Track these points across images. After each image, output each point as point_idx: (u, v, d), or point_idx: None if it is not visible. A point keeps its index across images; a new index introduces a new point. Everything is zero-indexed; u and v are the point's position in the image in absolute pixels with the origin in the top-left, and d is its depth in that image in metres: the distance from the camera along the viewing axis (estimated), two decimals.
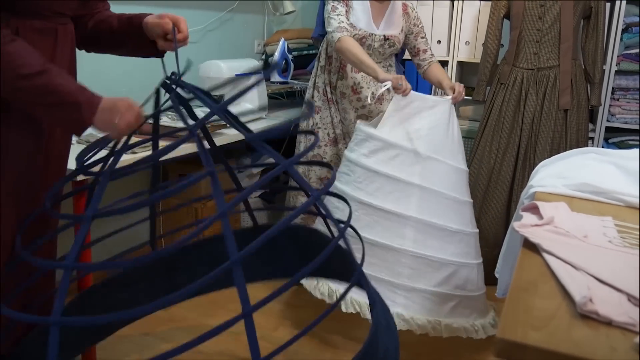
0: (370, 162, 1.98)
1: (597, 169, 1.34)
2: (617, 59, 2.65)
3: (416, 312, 1.90)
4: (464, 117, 3.08)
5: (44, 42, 1.27)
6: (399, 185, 1.95)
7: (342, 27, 2.21)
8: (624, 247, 0.96)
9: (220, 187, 1.04)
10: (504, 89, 2.58)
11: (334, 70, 2.41)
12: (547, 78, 2.50)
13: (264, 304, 0.98)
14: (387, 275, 1.91)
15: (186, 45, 1.45)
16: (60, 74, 1.19)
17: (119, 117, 1.22)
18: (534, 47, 2.50)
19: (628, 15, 2.66)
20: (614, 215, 1.14)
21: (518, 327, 0.69)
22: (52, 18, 1.29)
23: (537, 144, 2.52)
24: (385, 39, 2.31)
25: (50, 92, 1.16)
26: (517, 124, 2.56)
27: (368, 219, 1.94)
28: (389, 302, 1.83)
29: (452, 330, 1.94)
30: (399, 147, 1.98)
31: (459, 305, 1.98)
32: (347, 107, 2.43)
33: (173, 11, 2.69)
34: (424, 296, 1.92)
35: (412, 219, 1.93)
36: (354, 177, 2.01)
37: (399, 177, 1.95)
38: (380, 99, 2.34)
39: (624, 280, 0.81)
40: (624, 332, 0.69)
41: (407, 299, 1.91)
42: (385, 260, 1.92)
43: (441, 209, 1.98)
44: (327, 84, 2.44)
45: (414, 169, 1.97)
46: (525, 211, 1.15)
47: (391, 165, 1.97)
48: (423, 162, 1.98)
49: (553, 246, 0.93)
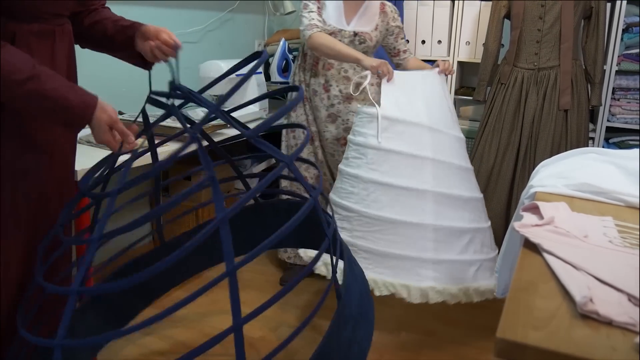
0: (381, 143, 1.97)
1: (597, 169, 1.34)
2: (617, 59, 2.65)
3: (447, 283, 1.93)
4: (464, 117, 3.08)
5: (42, 44, 1.26)
6: (412, 161, 1.96)
7: (313, 24, 2.23)
8: (624, 247, 0.96)
9: (220, 193, 1.04)
10: (504, 89, 2.58)
11: (308, 67, 2.43)
12: (548, 78, 2.50)
13: (254, 316, 0.98)
14: (413, 252, 1.92)
15: (180, 47, 1.45)
16: (52, 77, 1.17)
17: (99, 135, 1.27)
18: (534, 47, 2.50)
19: (628, 15, 2.66)
20: (615, 215, 1.14)
21: (518, 327, 0.69)
22: (50, 20, 1.28)
23: (538, 144, 2.52)
24: (355, 35, 2.30)
25: (43, 97, 1.15)
26: (518, 123, 2.56)
27: (387, 198, 1.94)
28: (419, 277, 1.90)
29: (481, 293, 1.99)
30: (405, 123, 1.98)
31: (480, 269, 2.02)
32: (318, 105, 2.42)
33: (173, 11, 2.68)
34: (450, 266, 1.95)
35: (429, 192, 1.95)
36: (366, 159, 1.98)
37: (412, 152, 1.96)
38: (350, 98, 2.34)
39: (625, 280, 0.81)
40: (624, 332, 0.69)
41: (435, 272, 1.93)
42: (409, 237, 1.93)
43: (452, 179, 2.02)
44: (301, 81, 2.46)
45: (424, 142, 1.99)
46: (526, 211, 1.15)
47: (401, 141, 1.97)
48: (430, 134, 2.00)
49: (553, 246, 0.93)
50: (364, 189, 1.96)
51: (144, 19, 2.59)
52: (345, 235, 1.97)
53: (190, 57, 2.91)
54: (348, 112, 2.37)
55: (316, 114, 2.45)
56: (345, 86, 2.34)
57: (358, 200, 1.97)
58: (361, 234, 1.95)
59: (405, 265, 1.92)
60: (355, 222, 1.96)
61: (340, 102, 2.37)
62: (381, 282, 1.90)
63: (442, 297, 1.91)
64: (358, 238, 1.96)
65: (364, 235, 1.95)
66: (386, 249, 1.92)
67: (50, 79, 1.16)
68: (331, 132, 2.42)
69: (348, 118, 2.38)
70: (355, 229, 1.96)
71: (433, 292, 1.90)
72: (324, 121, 2.41)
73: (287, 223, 1.05)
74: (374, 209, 1.94)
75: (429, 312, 2.42)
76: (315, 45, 2.22)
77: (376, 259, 1.93)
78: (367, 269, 1.91)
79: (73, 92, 1.19)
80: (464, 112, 3.09)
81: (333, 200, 2.07)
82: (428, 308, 2.44)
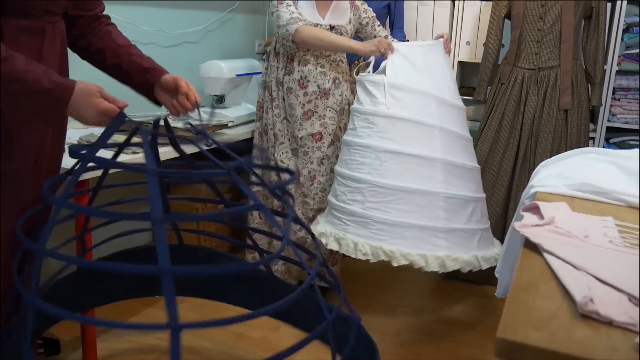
0: (391, 111, 1.96)
1: (597, 169, 1.34)
2: (617, 59, 2.65)
3: (459, 251, 1.95)
4: None
5: (30, 41, 1.23)
6: (421, 128, 1.96)
7: (295, 17, 2.16)
8: (624, 247, 0.96)
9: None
10: (504, 88, 2.57)
11: (281, 66, 2.34)
12: (548, 78, 2.50)
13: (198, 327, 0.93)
14: (426, 221, 1.93)
15: (199, 105, 1.47)
16: (26, 61, 1.13)
17: (92, 106, 1.19)
18: (534, 47, 2.50)
19: (629, 15, 2.65)
20: (615, 215, 1.14)
21: (518, 327, 0.69)
22: (40, 17, 1.25)
23: (538, 144, 2.52)
24: (332, 28, 2.26)
25: (15, 80, 1.10)
26: (518, 123, 2.56)
27: (398, 167, 1.94)
28: (434, 246, 1.91)
29: (488, 261, 2.01)
30: (412, 91, 1.99)
31: (482, 238, 2.06)
32: (293, 103, 2.32)
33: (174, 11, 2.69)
34: (460, 234, 1.98)
35: (439, 160, 1.96)
36: (377, 128, 1.97)
37: (420, 119, 1.97)
38: (327, 93, 2.29)
39: (625, 280, 0.81)
40: (624, 332, 0.69)
41: (447, 241, 1.95)
42: (422, 205, 1.93)
43: (457, 148, 2.03)
44: (273, 81, 2.37)
45: (431, 110, 1.99)
46: (526, 211, 1.15)
47: (410, 109, 1.97)
48: (435, 102, 2.01)
49: (554, 246, 0.93)
50: (376, 159, 1.95)
51: (144, 18, 2.61)
52: (358, 208, 1.96)
53: (190, 57, 2.91)
54: (325, 107, 2.32)
55: (290, 112, 2.34)
56: (322, 81, 2.28)
57: (370, 170, 1.95)
58: (374, 204, 1.94)
59: (421, 234, 1.92)
60: (368, 193, 1.95)
61: (317, 97, 2.30)
62: (398, 252, 1.89)
63: (458, 265, 1.93)
64: (372, 209, 1.94)
65: (377, 206, 1.94)
66: (401, 219, 1.92)
67: (24, 62, 1.12)
68: (306, 130, 2.32)
69: (325, 114, 2.32)
70: (368, 200, 1.95)
71: (449, 260, 1.91)
72: (299, 119, 2.32)
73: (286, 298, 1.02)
74: (387, 178, 1.93)
75: (429, 312, 2.42)
76: (304, 38, 2.14)
77: (391, 230, 1.92)
78: (383, 240, 1.91)
79: (47, 76, 1.14)
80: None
81: (341, 173, 2.05)
82: (428, 308, 2.45)
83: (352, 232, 1.97)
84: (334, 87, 2.30)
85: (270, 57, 2.41)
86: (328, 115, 2.31)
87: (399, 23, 2.86)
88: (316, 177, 2.34)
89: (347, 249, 1.96)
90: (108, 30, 1.47)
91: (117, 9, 2.41)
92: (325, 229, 2.05)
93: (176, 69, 2.81)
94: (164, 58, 2.75)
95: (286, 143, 2.39)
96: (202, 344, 2.09)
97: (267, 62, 2.43)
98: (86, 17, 1.43)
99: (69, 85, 1.17)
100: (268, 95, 2.41)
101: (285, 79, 2.33)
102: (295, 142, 2.37)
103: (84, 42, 1.45)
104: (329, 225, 2.06)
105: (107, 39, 1.46)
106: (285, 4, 2.19)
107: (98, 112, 1.20)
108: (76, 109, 1.19)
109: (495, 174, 2.60)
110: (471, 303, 2.51)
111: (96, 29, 1.46)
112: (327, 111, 2.32)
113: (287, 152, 2.40)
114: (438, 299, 2.53)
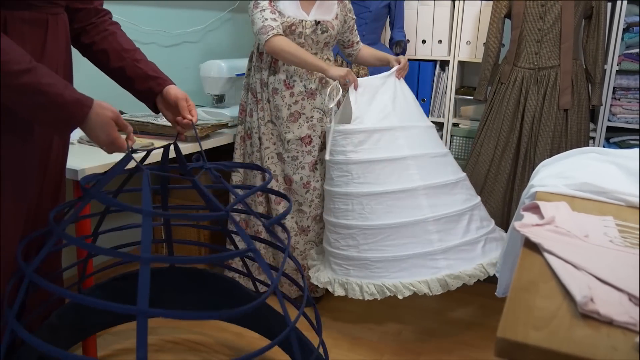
0: (361, 155, 2.02)
1: (598, 169, 1.34)
2: (618, 58, 2.65)
3: (460, 267, 1.99)
4: (465, 116, 3.08)
5: (33, 33, 1.23)
6: (395, 164, 2.02)
7: (267, 25, 2.07)
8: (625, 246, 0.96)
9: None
10: (504, 88, 2.57)
11: (265, 66, 2.26)
12: (548, 78, 2.50)
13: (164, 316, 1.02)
14: (422, 248, 1.97)
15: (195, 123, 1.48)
16: (48, 73, 1.14)
17: (105, 132, 1.23)
18: (534, 47, 2.50)
19: (629, 14, 2.65)
20: (615, 215, 1.14)
21: (519, 327, 0.69)
22: (42, 8, 1.24)
23: (538, 144, 2.52)
24: (317, 24, 2.17)
25: (38, 92, 1.11)
26: (518, 123, 2.56)
27: (381, 207, 1.98)
28: (434, 270, 1.96)
29: (494, 265, 2.03)
30: (379, 130, 2.05)
31: (486, 243, 2.09)
32: (279, 104, 2.24)
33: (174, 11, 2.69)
34: (459, 249, 2.01)
35: (420, 187, 2.00)
36: (352, 176, 2.03)
37: (392, 156, 2.02)
38: (314, 93, 2.24)
39: (625, 280, 0.80)
40: (625, 332, 0.68)
41: (446, 260, 1.98)
42: (413, 235, 1.98)
43: (435, 168, 2.08)
44: (257, 82, 2.29)
45: (399, 142, 2.05)
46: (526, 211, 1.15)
47: (380, 148, 2.03)
48: (403, 133, 2.07)
49: (554, 246, 0.93)
50: (358, 204, 2.00)
51: (145, 18, 2.61)
52: (354, 252, 2.01)
53: (190, 56, 2.91)
54: (312, 108, 2.25)
55: (276, 114, 2.26)
56: (309, 81, 2.22)
57: (355, 216, 2.01)
58: (368, 246, 1.99)
59: (418, 262, 1.96)
60: (359, 236, 2.00)
61: (304, 98, 2.23)
62: (401, 285, 1.94)
63: (461, 281, 1.97)
64: (366, 251, 1.99)
65: (370, 247, 1.99)
66: (396, 254, 1.96)
67: (47, 75, 1.13)
68: (293, 132, 2.24)
69: (312, 115, 2.25)
70: (361, 243, 2.00)
71: (450, 279, 1.95)
72: (285, 121, 2.24)
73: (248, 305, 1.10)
74: (373, 220, 1.98)
75: (429, 312, 2.42)
76: (275, 50, 2.08)
77: (390, 266, 1.97)
78: (384, 277, 1.97)
79: (68, 91, 1.16)
80: (465, 111, 3.09)
81: (330, 221, 2.11)
82: (428, 308, 2.45)
83: (355, 275, 2.02)
84: (321, 86, 2.25)
85: (253, 58, 2.33)
86: (315, 116, 2.26)
87: (399, 23, 2.86)
88: (310, 183, 2.28)
89: (353, 293, 2.00)
90: (113, 32, 1.46)
91: (118, 8, 2.41)
92: (329, 277, 2.09)
93: (176, 69, 2.82)
94: (164, 58, 2.77)
95: (271, 147, 2.31)
96: (205, 340, 2.09)
97: (250, 63, 2.35)
98: (86, 10, 1.42)
99: (86, 104, 1.19)
100: (252, 98, 2.32)
101: (270, 80, 2.25)
102: (282, 146, 2.28)
103: (87, 40, 1.44)
104: (331, 273, 2.10)
105: (113, 41, 1.45)
106: (259, 9, 2.10)
107: (108, 140, 1.25)
108: (89, 127, 1.22)
109: (496, 173, 2.60)
110: (471, 302, 2.51)
111: (99, 26, 1.45)
112: (314, 112, 2.25)
113: (272, 157, 2.31)
114: (438, 298, 2.53)
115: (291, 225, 2.32)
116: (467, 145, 3.04)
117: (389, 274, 1.96)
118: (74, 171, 1.71)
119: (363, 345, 2.14)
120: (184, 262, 1.14)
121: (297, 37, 2.16)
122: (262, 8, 2.10)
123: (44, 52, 1.25)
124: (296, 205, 2.31)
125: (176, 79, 1.56)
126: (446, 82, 3.02)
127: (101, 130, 1.23)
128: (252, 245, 1.19)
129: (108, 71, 1.48)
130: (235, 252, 1.18)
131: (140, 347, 0.93)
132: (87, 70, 1.58)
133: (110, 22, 1.48)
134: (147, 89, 1.46)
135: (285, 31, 2.12)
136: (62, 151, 1.45)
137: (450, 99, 3.01)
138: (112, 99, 1.60)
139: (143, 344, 0.93)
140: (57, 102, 1.14)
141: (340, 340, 2.17)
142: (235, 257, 1.96)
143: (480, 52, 2.84)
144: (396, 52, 2.90)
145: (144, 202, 1.10)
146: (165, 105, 1.48)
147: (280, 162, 2.31)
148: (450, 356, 2.08)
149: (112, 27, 1.47)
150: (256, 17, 2.10)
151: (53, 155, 1.39)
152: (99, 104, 1.22)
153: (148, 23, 2.62)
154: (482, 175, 2.62)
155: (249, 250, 1.19)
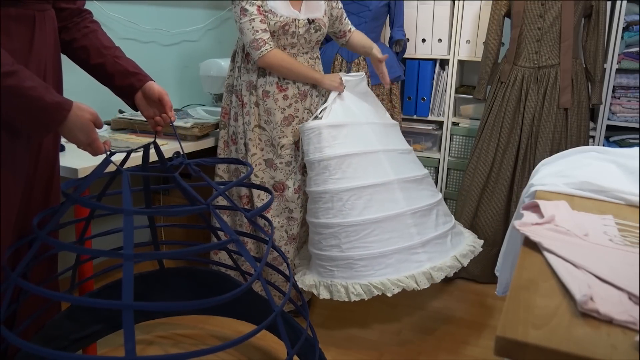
0: (337, 150, 2.02)
1: (598, 168, 1.34)
2: (617, 57, 2.65)
3: (439, 259, 2.01)
4: (465, 115, 3.08)
5: (20, 29, 1.23)
6: (369, 157, 2.05)
7: (259, 39, 1.99)
8: (624, 245, 0.96)
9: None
10: (504, 87, 2.57)
11: (254, 68, 2.13)
12: (548, 76, 2.50)
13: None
14: (404, 242, 1.98)
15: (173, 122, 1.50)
16: (30, 76, 1.15)
17: (84, 134, 1.24)
18: (534, 46, 2.50)
19: (629, 13, 2.65)
20: (615, 213, 1.14)
21: (518, 326, 0.69)
22: (29, 4, 1.24)
23: (538, 143, 2.52)
24: (310, 22, 2.10)
25: (19, 95, 1.12)
26: (518, 122, 2.56)
27: (362, 201, 1.98)
28: (418, 263, 1.97)
29: (466, 256, 2.09)
30: (348, 125, 2.08)
31: (453, 236, 2.15)
32: (271, 108, 2.12)
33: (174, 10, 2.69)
34: (435, 242, 2.04)
35: (394, 181, 2.03)
36: (330, 172, 2.01)
37: (366, 149, 2.05)
38: (306, 94, 2.19)
39: (625, 279, 0.81)
40: (624, 331, 0.69)
41: (427, 253, 2.00)
42: (394, 229, 1.98)
43: (404, 163, 2.13)
44: (243, 85, 2.17)
45: (370, 137, 2.09)
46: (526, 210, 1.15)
47: (352, 143, 2.05)
48: (371, 128, 2.12)
49: (554, 245, 0.93)
50: (338, 200, 1.99)
51: (145, 18, 2.61)
52: (337, 252, 1.99)
53: (190, 55, 2.91)
54: (304, 110, 2.18)
55: (268, 118, 2.14)
56: (302, 83, 2.15)
57: (336, 213, 1.99)
58: (351, 244, 1.96)
59: (402, 257, 1.96)
60: (342, 235, 1.97)
61: (297, 100, 2.15)
62: (388, 282, 1.92)
63: (444, 272, 1.98)
64: (350, 250, 1.96)
65: (353, 245, 1.96)
66: (379, 249, 1.95)
67: (29, 78, 1.14)
68: (287, 137, 2.15)
69: (303, 117, 2.18)
70: (344, 242, 1.97)
71: (434, 271, 1.96)
72: (279, 126, 2.13)
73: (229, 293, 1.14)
74: (354, 216, 1.97)
75: (429, 311, 2.42)
76: (271, 65, 2.04)
77: (375, 263, 1.95)
78: (370, 275, 1.94)
79: (49, 94, 1.17)
80: (464, 110, 3.09)
81: (312, 222, 2.09)
82: (428, 307, 2.45)
83: (339, 276, 1.98)
84: (311, 87, 2.18)
85: (236, 58, 2.20)
86: (306, 118, 2.19)
87: (399, 21, 2.86)
88: (302, 188, 2.21)
89: (339, 295, 1.95)
90: (94, 29, 1.47)
91: (117, 7, 2.41)
92: (314, 280, 2.06)
93: (176, 68, 2.82)
94: (163, 56, 2.76)
95: (259, 154, 2.18)
96: (198, 333, 2.10)
97: (233, 63, 2.23)
98: (69, 10, 1.43)
99: (65, 107, 1.20)
100: (237, 101, 2.19)
101: (259, 82, 2.12)
102: (273, 152, 2.17)
103: (68, 37, 1.44)
104: (317, 276, 2.07)
105: (93, 38, 1.45)
106: (248, 18, 1.98)
107: (87, 141, 1.27)
108: (69, 129, 1.23)
109: (496, 173, 2.60)
110: (471, 301, 2.51)
111: (80, 24, 1.45)
112: (305, 114, 2.19)
113: (260, 164, 2.19)
114: (438, 297, 2.53)
115: (281, 235, 2.23)
116: (467, 144, 3.04)
117: (374, 272, 1.93)
118: (73, 170, 1.71)
119: (362, 344, 2.14)
120: (168, 257, 1.19)
121: (290, 37, 2.07)
122: (250, 16, 1.98)
123: (31, 49, 1.25)
124: (286, 212, 2.22)
125: (176, 78, 1.56)
126: (446, 81, 3.02)
127: (80, 132, 1.24)
128: (234, 235, 1.23)
129: (88, 68, 1.48)
130: (218, 243, 1.21)
131: (128, 340, 0.99)
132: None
133: (90, 20, 1.49)
134: (127, 84, 1.47)
135: (277, 31, 2.04)
136: (53, 150, 1.45)
137: (450, 97, 3.01)
138: (110, 98, 1.60)
139: (131, 336, 0.98)
140: (38, 105, 1.15)
141: (339, 339, 2.17)
142: (218, 248, 1.96)
143: (480, 51, 2.84)
144: (396, 50, 2.89)
145: (125, 202, 1.14)
146: (146, 101, 1.49)
147: (268, 169, 2.19)
148: (450, 355, 2.08)
149: (92, 25, 1.48)
150: (245, 26, 2.00)
151: (43, 154, 1.39)
152: (78, 106, 1.23)
153: (148, 22, 2.62)
154: (485, 175, 2.62)
155: (231, 241, 1.21)
